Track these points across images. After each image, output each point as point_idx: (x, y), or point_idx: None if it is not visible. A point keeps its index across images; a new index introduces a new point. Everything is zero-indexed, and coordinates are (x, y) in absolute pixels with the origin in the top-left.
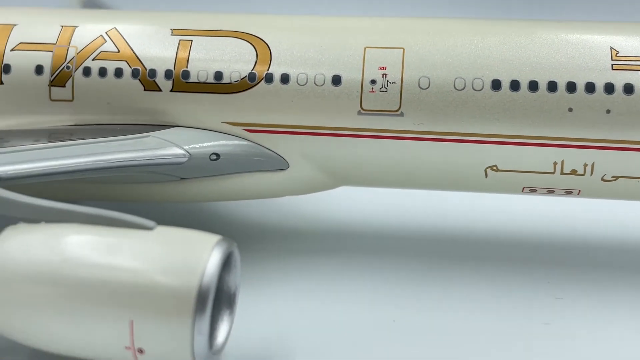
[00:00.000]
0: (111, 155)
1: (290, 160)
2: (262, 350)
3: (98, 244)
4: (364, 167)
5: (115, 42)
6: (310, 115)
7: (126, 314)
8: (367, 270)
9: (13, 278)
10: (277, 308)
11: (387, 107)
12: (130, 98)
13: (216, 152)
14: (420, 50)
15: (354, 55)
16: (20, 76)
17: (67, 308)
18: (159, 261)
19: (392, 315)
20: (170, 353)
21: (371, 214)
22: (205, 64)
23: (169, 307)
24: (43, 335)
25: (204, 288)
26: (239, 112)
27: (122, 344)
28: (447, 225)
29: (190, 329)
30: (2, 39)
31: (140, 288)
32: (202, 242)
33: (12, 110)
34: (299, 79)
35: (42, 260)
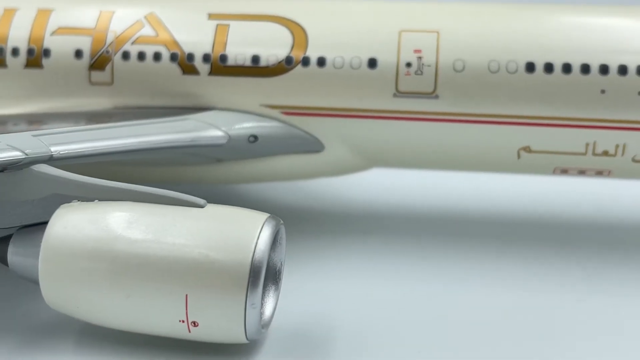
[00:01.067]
0: (156, 137)
1: (326, 143)
2: (305, 325)
3: (152, 221)
4: (398, 149)
5: (154, 27)
6: (346, 97)
7: (181, 288)
8: (401, 249)
9: (69, 254)
10: (317, 285)
11: (422, 90)
12: (169, 81)
13: (254, 134)
14: (454, 33)
15: (389, 38)
16: (60, 60)
17: (123, 283)
18: (212, 238)
19: (428, 293)
20: (223, 326)
21: (403, 195)
22: (242, 48)
23: (223, 281)
24: (99, 310)
25: (256, 264)
26: (276, 95)
27: (177, 318)
28: (477, 206)
29: (243, 303)
30: (42, 24)
31: (195, 263)
32: (252, 220)
33: (51, 94)
34: (335, 62)
35: (98, 237)
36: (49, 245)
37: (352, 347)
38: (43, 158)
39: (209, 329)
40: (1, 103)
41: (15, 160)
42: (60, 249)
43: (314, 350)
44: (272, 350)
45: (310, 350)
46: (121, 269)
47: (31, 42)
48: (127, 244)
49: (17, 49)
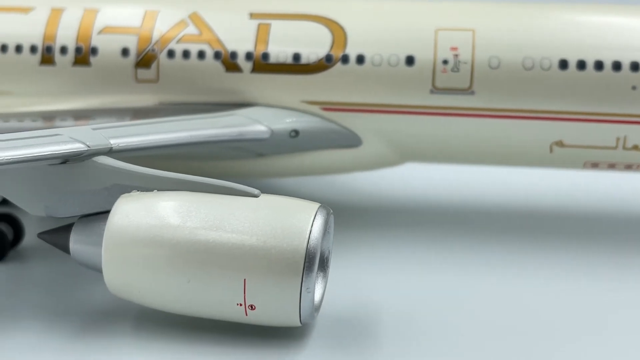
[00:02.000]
0: (206, 131)
1: (363, 138)
2: (350, 310)
3: (211, 210)
4: (434, 144)
5: (197, 26)
6: (384, 94)
7: (240, 273)
8: (442, 241)
9: (131, 242)
10: (357, 274)
11: (459, 86)
12: (212, 79)
13: (295, 129)
14: (490, 32)
15: (426, 37)
16: (107, 58)
17: (184, 269)
18: (268, 225)
19: (470, 284)
20: (279, 309)
21: (438, 189)
22: (283, 46)
23: (280, 267)
24: (160, 295)
25: (311, 250)
26: (316, 92)
27: (235, 301)
28: (506, 199)
29: (298, 287)
30: (89, 23)
31: (253, 250)
32: (305, 209)
33: (98, 90)
34: (374, 60)
35: (160, 225)
36: (111, 233)
37: (397, 330)
38: (103, 150)
39: (265, 312)
40: (49, 99)
41: (78, 152)
42: (123, 237)
43: (360, 333)
44: (323, 333)
45: (358, 333)
46: (182, 255)
47: (79, 40)
48: (188, 232)
49: (65, 48)
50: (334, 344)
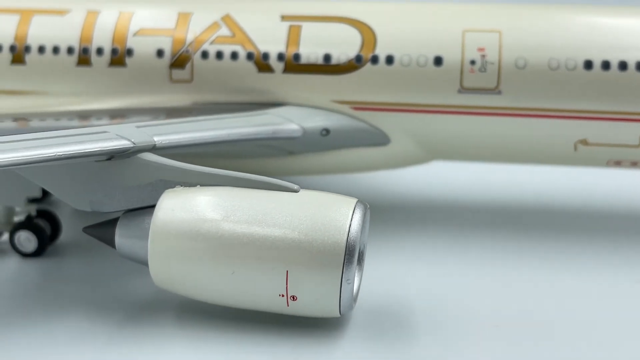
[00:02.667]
0: (243, 129)
1: (392, 136)
2: (384, 302)
3: (253, 204)
4: (461, 143)
5: (230, 28)
6: (412, 93)
7: (283, 265)
8: (470, 236)
9: (177, 235)
10: (390, 268)
11: (486, 86)
12: (245, 79)
13: (327, 127)
14: (516, 33)
15: (454, 38)
16: (143, 59)
17: (228, 261)
18: (309, 219)
19: (498, 278)
20: (320, 299)
21: (463, 187)
22: (314, 47)
23: (321, 259)
24: (205, 287)
25: (351, 243)
26: (347, 91)
27: (277, 292)
28: (530, 196)
29: (339, 279)
30: (124, 25)
31: (295, 243)
32: (344, 203)
33: (133, 90)
34: (402, 61)
35: (204, 218)
36: (157, 226)
37: (431, 322)
38: (147, 147)
39: (306, 303)
40: (85, 99)
41: (124, 149)
42: (169, 230)
43: (395, 324)
44: (359, 325)
45: (393, 324)
46: (226, 247)
47: (115, 42)
48: (232, 225)
49: (101, 49)
50: (370, 334)
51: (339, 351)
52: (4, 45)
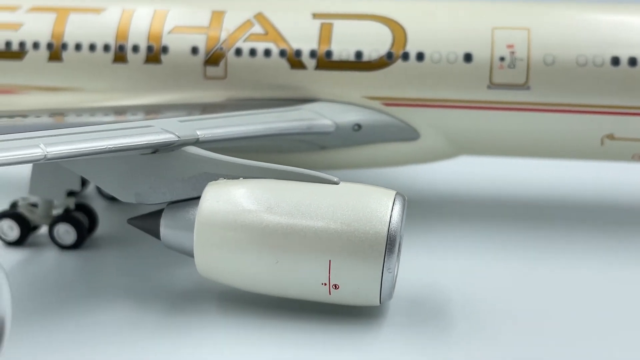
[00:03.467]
0: (280, 124)
1: (422, 131)
2: (420, 292)
3: (296, 195)
4: (490, 137)
5: (263, 25)
6: (442, 89)
7: (325, 255)
8: (496, 229)
9: (221, 225)
10: (427, 259)
11: (515, 82)
12: (278, 75)
13: (358, 123)
14: (544, 30)
15: (483, 35)
16: (178, 56)
17: (272, 251)
18: (351, 210)
19: (523, 268)
20: (361, 288)
21: (489, 181)
22: (346, 45)
23: (363, 248)
24: (249, 276)
25: (392, 233)
26: (378, 88)
27: (319, 281)
28: (555, 190)
29: (380, 268)
30: (160, 23)
31: (338, 233)
32: (384, 195)
33: (168, 87)
34: (433, 57)
35: (248, 210)
36: (202, 217)
37: (466, 311)
38: (191, 140)
39: (348, 292)
40: (121, 95)
41: (170, 142)
42: (214, 221)
43: (432, 313)
44: (397, 313)
45: (429, 313)
46: (271, 237)
47: (150, 40)
48: (276, 216)
49: (137, 46)
50: (408, 322)
51: (379, 339)
52: (42, 43)
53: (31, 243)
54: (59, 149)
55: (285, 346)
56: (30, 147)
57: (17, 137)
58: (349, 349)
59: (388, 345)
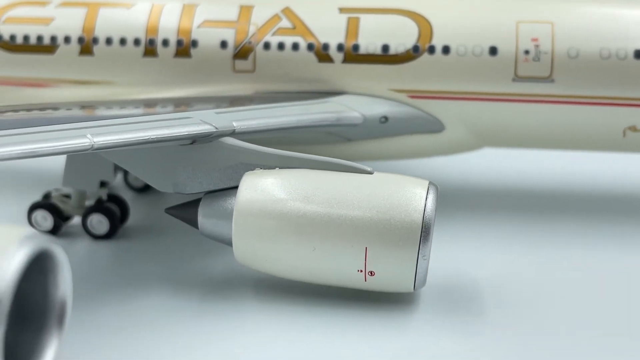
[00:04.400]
0: (310, 115)
1: (447, 123)
2: (451, 281)
3: (331, 185)
4: (514, 129)
5: (291, 20)
6: (468, 82)
7: (362, 242)
8: (520, 220)
9: (259, 214)
10: (456, 248)
11: (539, 74)
12: (306, 69)
13: (385, 115)
14: (568, 24)
15: (508, 29)
16: (207, 50)
17: (309, 239)
18: (386, 199)
19: (550, 257)
20: (396, 275)
21: (512, 172)
22: (373, 38)
23: (399, 236)
24: (286, 263)
25: (427, 221)
26: (404, 80)
27: (355, 268)
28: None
29: (416, 255)
30: (189, 18)
31: (374, 221)
32: (418, 184)
33: (198, 80)
34: (459, 50)
35: (286, 198)
36: (241, 206)
37: (496, 298)
38: (227, 132)
39: (383, 278)
40: (151, 88)
41: (208, 133)
42: (252, 210)
43: (463, 299)
44: (430, 299)
45: (461, 300)
46: (308, 226)
47: (180, 34)
48: (312, 205)
49: (167, 40)
50: (440, 309)
51: (412, 324)
52: (73, 37)
53: (64, 233)
54: (106, 139)
55: (319, 331)
56: (78, 138)
57: (64, 128)
58: (383, 334)
59: (421, 330)
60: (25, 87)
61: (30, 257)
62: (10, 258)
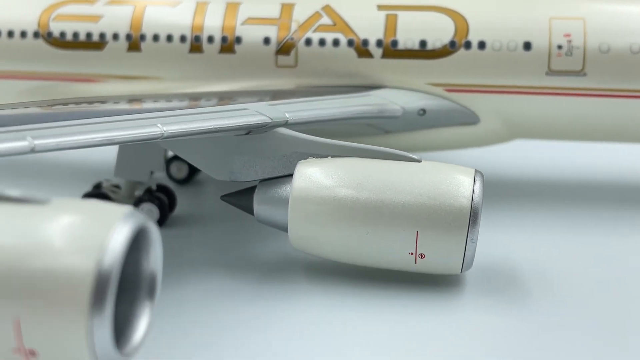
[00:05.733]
0: (355, 107)
1: (482, 116)
2: (494, 264)
3: (383, 172)
4: (546, 122)
5: (331, 17)
6: (503, 76)
7: (413, 226)
8: (558, 207)
9: (314, 200)
10: (500, 234)
11: (572, 68)
12: (346, 64)
13: (423, 108)
14: (599, 20)
15: (541, 25)
16: (250, 46)
17: (363, 224)
18: (435, 185)
19: (592, 241)
20: (445, 257)
21: (538, 164)
22: (411, 34)
23: (449, 220)
24: (340, 247)
25: (475, 206)
26: (441, 75)
27: (407, 251)
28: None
29: (465, 238)
30: (233, 15)
31: (425, 206)
32: (464, 172)
33: (241, 75)
34: (494, 46)
35: (340, 185)
36: (296, 194)
37: (539, 280)
38: (281, 122)
39: (432, 260)
40: (196, 83)
41: (263, 124)
42: (307, 196)
43: (507, 281)
44: (476, 281)
45: (505, 282)
46: (362, 211)
47: (224, 31)
48: (365, 191)
49: (212, 37)
50: (487, 290)
51: (461, 304)
52: (121, 34)
53: None
54: (174, 128)
55: (370, 310)
56: (149, 127)
57: (135, 118)
58: (431, 312)
59: (469, 309)
60: (74, 82)
61: (134, 232)
62: (118, 232)
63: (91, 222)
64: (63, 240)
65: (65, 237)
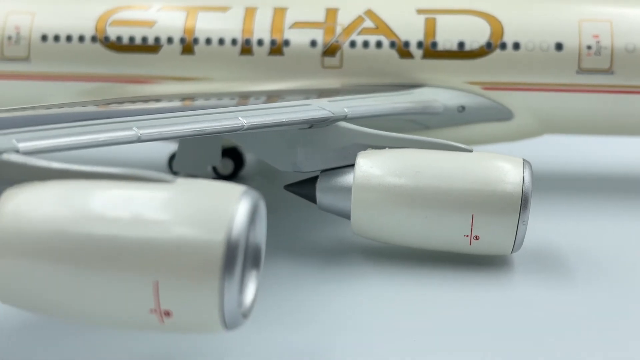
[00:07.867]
0: (403, 103)
1: (516, 112)
2: (541, 247)
3: (439, 162)
4: (576, 117)
5: (373, 20)
6: (536, 74)
7: (469, 210)
8: (597, 196)
9: (376, 188)
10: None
11: (601, 67)
12: (388, 64)
13: (462, 105)
14: (625, 22)
15: (571, 27)
16: (298, 48)
17: (421, 208)
18: (489, 172)
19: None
20: (498, 238)
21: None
22: (449, 36)
23: (502, 204)
24: (400, 231)
25: (525, 191)
26: (478, 74)
27: (462, 233)
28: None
29: (516, 220)
30: (281, 20)
31: (479, 192)
32: (513, 160)
33: (289, 76)
34: (527, 46)
35: (399, 173)
36: (359, 182)
37: (585, 261)
38: (341, 117)
39: (486, 242)
40: (247, 83)
41: (326, 118)
42: (369, 185)
43: (554, 261)
44: (524, 261)
45: (552, 262)
46: (419, 197)
47: (273, 34)
48: (423, 178)
49: (261, 40)
50: (535, 269)
51: (512, 281)
52: (175, 38)
53: None
54: (254, 121)
55: (428, 288)
56: (232, 119)
57: (218, 112)
58: (483, 288)
59: (521, 286)
60: (130, 84)
61: (252, 207)
62: (242, 207)
63: (218, 198)
64: (196, 213)
65: (197, 211)
